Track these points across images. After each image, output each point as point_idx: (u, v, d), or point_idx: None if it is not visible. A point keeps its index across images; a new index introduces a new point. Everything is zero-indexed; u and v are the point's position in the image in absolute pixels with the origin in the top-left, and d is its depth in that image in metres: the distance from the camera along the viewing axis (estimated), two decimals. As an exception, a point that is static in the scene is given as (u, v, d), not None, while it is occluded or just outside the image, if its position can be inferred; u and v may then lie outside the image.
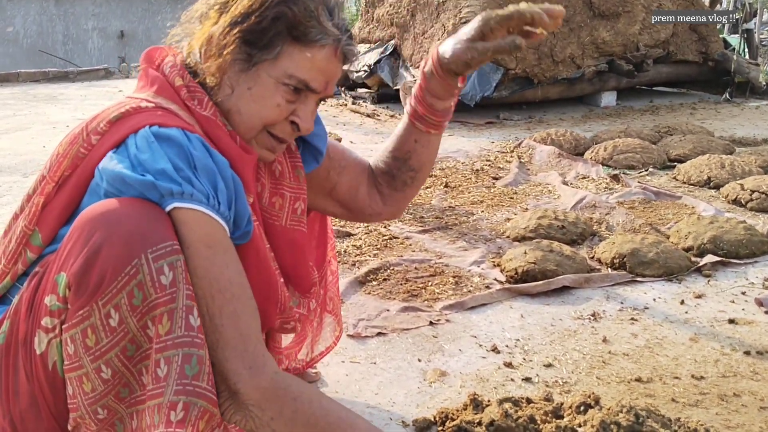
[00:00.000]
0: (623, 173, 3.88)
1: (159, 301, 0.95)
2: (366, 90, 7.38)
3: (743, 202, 3.22)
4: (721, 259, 2.50)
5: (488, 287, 2.31)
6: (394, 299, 2.20)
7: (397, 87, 6.14)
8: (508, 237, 2.82)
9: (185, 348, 0.96)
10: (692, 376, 1.72)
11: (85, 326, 0.96)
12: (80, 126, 1.11)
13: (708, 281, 2.36)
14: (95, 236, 0.95)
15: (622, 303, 2.20)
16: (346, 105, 6.78)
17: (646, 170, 3.98)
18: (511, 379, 1.72)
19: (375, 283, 2.33)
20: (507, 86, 5.92)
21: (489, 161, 4.29)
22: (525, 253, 2.43)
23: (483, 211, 3.22)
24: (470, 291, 2.27)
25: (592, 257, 2.59)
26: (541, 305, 2.19)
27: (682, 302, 2.19)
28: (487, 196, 3.47)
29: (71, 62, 11.60)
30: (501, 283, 2.35)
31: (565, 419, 1.43)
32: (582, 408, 1.44)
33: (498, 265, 2.50)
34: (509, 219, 3.04)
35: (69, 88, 7.97)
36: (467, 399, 1.53)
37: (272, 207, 1.25)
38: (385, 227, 2.94)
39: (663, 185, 3.65)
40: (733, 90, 6.78)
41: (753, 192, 3.22)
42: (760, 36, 10.29)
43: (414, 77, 5.98)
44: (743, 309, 2.14)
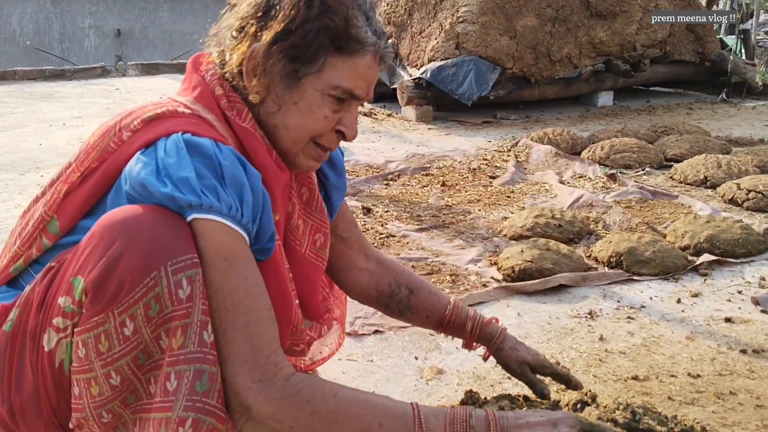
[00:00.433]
0: (620, 172, 3.89)
1: (175, 315, 0.95)
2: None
3: (740, 202, 3.23)
4: (718, 258, 2.50)
5: (485, 285, 2.31)
6: (391, 297, 2.20)
7: (394, 86, 6.14)
8: (505, 235, 2.82)
9: (197, 364, 0.96)
10: (689, 375, 1.72)
11: (99, 332, 0.96)
12: (114, 119, 1.10)
13: (704, 280, 2.37)
14: (115, 245, 0.95)
15: (619, 301, 2.20)
16: (344, 104, 6.76)
17: (643, 170, 3.98)
18: (508, 377, 1.71)
19: (372, 282, 2.33)
20: (504, 86, 5.92)
21: (486, 160, 4.29)
22: (522, 252, 2.43)
23: (480, 210, 3.22)
24: (467, 289, 2.27)
25: (589, 256, 2.59)
26: (538, 303, 2.19)
27: (679, 301, 2.19)
28: (484, 195, 3.48)
29: (68, 60, 11.55)
30: (498, 282, 2.35)
31: (562, 417, 1.43)
32: (579, 406, 1.44)
33: (495, 264, 2.50)
34: (506, 218, 3.04)
35: (65, 87, 7.94)
36: (464, 396, 1.53)
37: (296, 230, 1.24)
38: (382, 225, 2.94)
39: (660, 185, 3.65)
40: (730, 90, 6.80)
41: (749, 191, 3.23)
42: (757, 36, 10.32)
43: (411, 76, 5.98)
44: (739, 308, 2.15)
